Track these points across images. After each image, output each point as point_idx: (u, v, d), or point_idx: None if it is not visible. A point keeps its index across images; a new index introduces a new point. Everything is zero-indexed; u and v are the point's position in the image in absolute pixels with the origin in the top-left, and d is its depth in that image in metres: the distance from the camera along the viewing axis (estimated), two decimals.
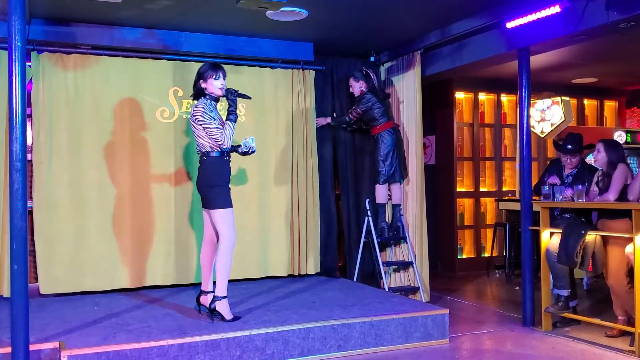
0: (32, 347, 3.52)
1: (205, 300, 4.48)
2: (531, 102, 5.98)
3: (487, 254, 8.05)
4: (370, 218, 6.13)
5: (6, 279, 5.04)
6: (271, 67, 6.23)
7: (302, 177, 6.30)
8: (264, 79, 6.20)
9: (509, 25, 4.94)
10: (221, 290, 4.32)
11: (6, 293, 5.04)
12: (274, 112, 6.24)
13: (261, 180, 6.17)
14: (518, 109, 5.30)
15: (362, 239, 6.26)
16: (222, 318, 4.30)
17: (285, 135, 6.27)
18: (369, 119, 6.08)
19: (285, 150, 6.26)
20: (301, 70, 6.32)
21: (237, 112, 6.05)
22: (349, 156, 6.62)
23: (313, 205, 6.34)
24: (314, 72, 6.38)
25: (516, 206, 6.69)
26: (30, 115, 5.27)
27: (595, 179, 4.74)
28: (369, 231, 6.14)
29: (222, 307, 4.31)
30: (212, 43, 5.86)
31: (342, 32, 5.82)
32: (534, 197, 5.15)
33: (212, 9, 5.07)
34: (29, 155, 5.18)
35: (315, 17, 5.26)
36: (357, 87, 6.16)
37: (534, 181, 5.29)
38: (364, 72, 6.22)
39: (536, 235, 5.09)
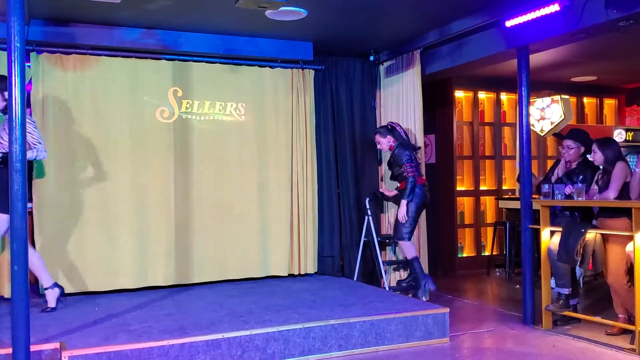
0: (32, 348, 3.52)
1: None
2: (531, 100, 5.98)
3: (487, 253, 8.04)
4: (370, 217, 6.13)
5: (7, 280, 5.04)
6: (270, 67, 6.23)
7: (301, 176, 6.30)
8: (264, 79, 6.21)
9: (508, 23, 4.94)
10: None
11: (7, 294, 5.04)
12: (273, 112, 6.24)
13: (261, 180, 6.17)
14: (518, 108, 5.30)
15: (362, 238, 6.26)
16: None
17: (284, 135, 6.27)
18: (400, 173, 5.75)
19: (284, 149, 6.26)
20: (301, 69, 6.32)
21: (233, 111, 6.09)
22: (349, 156, 6.62)
23: (312, 204, 6.34)
24: (313, 71, 6.38)
25: (516, 205, 6.69)
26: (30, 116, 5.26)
27: (595, 178, 4.75)
28: (369, 230, 6.14)
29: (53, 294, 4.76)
30: (212, 43, 5.86)
31: (341, 32, 5.82)
32: (534, 196, 5.15)
33: (211, 9, 5.07)
34: None
35: (315, 17, 5.26)
36: (385, 142, 5.84)
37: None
38: (388, 126, 5.93)
39: (536, 234, 5.09)
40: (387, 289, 5.85)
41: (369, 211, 6.15)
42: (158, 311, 4.72)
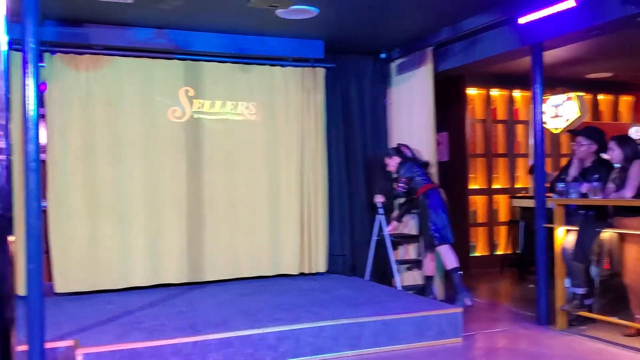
0: (47, 345, 3.54)
1: None
2: (544, 97, 5.92)
3: (500, 252, 7.99)
4: (382, 216, 6.10)
5: (22, 278, 5.08)
6: (281, 66, 6.22)
7: (312, 175, 6.29)
8: (274, 78, 6.20)
9: (522, 20, 4.89)
10: None
11: (22, 292, 5.08)
12: (284, 111, 6.24)
13: (271, 178, 6.17)
14: (531, 105, 5.25)
15: (374, 237, 6.23)
16: None
17: (295, 134, 6.26)
18: (413, 185, 5.76)
19: (295, 148, 6.25)
20: (311, 68, 6.30)
21: (244, 110, 6.10)
22: (360, 154, 6.60)
23: (323, 203, 6.33)
24: (324, 69, 6.36)
25: (530, 203, 6.63)
26: (43, 116, 5.31)
27: (611, 176, 4.68)
28: (380, 229, 6.11)
29: None
30: (223, 42, 5.87)
31: (352, 29, 5.80)
32: (547, 194, 5.10)
33: (222, 9, 5.07)
34: (42, 155, 5.22)
35: (326, 15, 5.24)
36: (392, 163, 5.91)
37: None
38: (396, 147, 6.02)
39: (550, 233, 5.04)
40: (399, 288, 5.82)
41: (380, 210, 6.12)
42: (170, 309, 4.74)
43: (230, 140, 6.04)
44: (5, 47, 3.03)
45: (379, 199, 6.08)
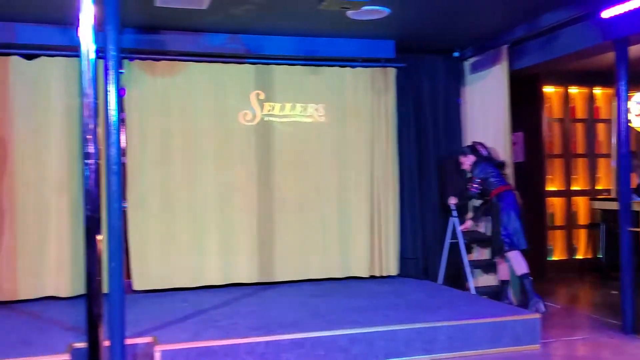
0: (128, 342, 3.67)
1: None
2: (629, 94, 5.61)
3: (579, 256, 7.64)
4: (455, 218, 5.96)
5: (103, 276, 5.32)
6: (351, 67, 6.20)
7: (382, 176, 6.24)
8: (344, 79, 6.19)
9: (605, 14, 4.65)
10: None
11: (103, 289, 5.32)
12: (353, 112, 6.21)
13: (341, 180, 6.16)
14: (615, 103, 4.99)
15: (447, 240, 6.10)
16: None
17: (365, 135, 6.22)
18: (487, 186, 5.69)
19: (365, 149, 6.22)
20: (382, 68, 6.25)
21: (314, 112, 6.12)
22: (433, 154, 6.46)
23: (394, 204, 6.25)
24: (395, 69, 6.29)
25: (612, 205, 6.31)
26: (123, 120, 5.53)
27: None
28: (454, 232, 5.97)
29: None
30: (293, 45, 5.92)
31: (425, 28, 5.70)
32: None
33: (293, 12, 5.12)
34: (123, 159, 5.44)
35: (398, 14, 5.18)
36: (467, 161, 5.85)
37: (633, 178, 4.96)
38: (472, 145, 5.93)
39: (636, 237, 4.76)
40: (473, 292, 5.67)
41: (453, 212, 5.98)
42: (243, 308, 4.83)
43: (300, 142, 6.08)
44: (93, 55, 3.19)
45: (452, 200, 5.96)
